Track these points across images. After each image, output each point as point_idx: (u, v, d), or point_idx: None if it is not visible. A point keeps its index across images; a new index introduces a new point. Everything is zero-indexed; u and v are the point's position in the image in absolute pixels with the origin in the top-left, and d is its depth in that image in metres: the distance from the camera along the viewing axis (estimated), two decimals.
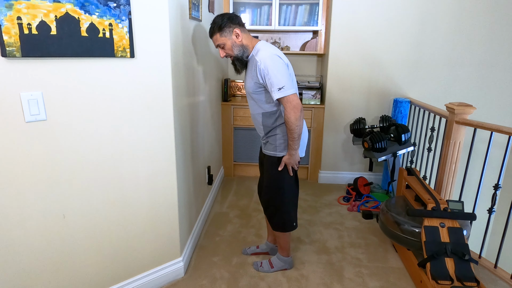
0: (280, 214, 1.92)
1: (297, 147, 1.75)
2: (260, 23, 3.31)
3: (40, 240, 1.46)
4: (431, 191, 2.06)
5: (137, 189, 1.71)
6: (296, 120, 1.66)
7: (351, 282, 2.00)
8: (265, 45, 1.75)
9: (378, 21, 3.05)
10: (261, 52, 1.71)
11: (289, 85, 1.65)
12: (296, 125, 1.67)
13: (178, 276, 1.99)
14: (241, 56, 1.77)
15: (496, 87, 3.19)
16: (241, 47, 1.75)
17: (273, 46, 1.79)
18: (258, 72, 1.69)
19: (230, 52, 1.77)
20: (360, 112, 3.28)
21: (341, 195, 3.17)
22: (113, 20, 1.43)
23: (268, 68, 1.65)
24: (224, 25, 1.71)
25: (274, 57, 1.67)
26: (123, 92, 1.55)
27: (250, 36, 1.81)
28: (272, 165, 1.84)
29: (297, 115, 1.66)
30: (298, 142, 1.74)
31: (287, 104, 1.66)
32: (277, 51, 1.73)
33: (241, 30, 1.75)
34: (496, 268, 2.11)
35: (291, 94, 1.65)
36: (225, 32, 1.73)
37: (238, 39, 1.74)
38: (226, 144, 3.44)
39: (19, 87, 1.29)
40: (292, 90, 1.65)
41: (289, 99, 1.65)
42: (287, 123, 1.69)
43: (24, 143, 1.34)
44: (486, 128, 2.02)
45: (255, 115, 1.85)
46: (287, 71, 1.69)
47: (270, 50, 1.71)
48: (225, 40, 1.74)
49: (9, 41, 1.22)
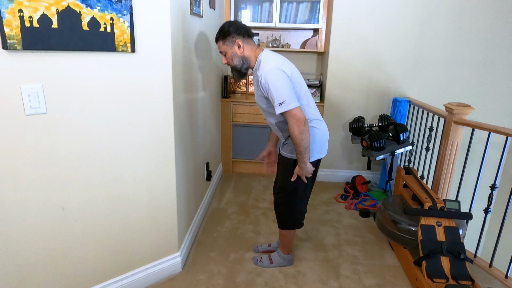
0: (289, 213, 1.93)
1: (307, 159, 1.71)
2: (261, 20, 3.31)
3: (39, 232, 1.47)
4: (428, 190, 2.07)
5: (136, 183, 1.72)
6: (300, 134, 1.62)
7: (347, 279, 2.02)
8: (267, 57, 1.70)
9: (378, 21, 3.06)
10: (262, 65, 1.67)
11: (291, 99, 1.59)
12: (300, 139, 1.63)
13: (176, 271, 2.01)
14: (240, 68, 1.76)
15: (495, 88, 3.20)
16: (242, 58, 1.74)
17: (276, 55, 1.73)
18: (260, 86, 1.68)
19: (230, 61, 1.77)
20: (359, 110, 3.29)
21: (339, 193, 3.18)
22: (114, 14, 1.43)
23: (269, 83, 1.61)
24: (228, 34, 1.71)
25: (274, 71, 1.62)
26: (123, 86, 1.56)
27: (254, 47, 1.76)
28: (287, 166, 1.83)
29: (300, 128, 1.61)
30: (306, 155, 1.69)
31: (289, 118, 1.62)
32: (279, 62, 1.67)
33: (245, 42, 1.73)
34: (491, 267, 2.13)
35: (293, 109, 1.59)
36: (228, 41, 1.72)
37: (240, 51, 1.73)
38: (225, 140, 3.45)
39: (20, 79, 1.29)
40: (294, 104, 1.59)
41: (291, 114, 1.60)
42: (292, 137, 1.65)
43: (24, 136, 1.34)
44: (484, 129, 2.03)
45: (270, 123, 1.86)
46: (289, 84, 1.62)
47: (271, 63, 1.65)
48: (227, 49, 1.74)
49: (10, 33, 1.22)
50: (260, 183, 3.34)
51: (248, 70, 1.79)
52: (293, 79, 1.68)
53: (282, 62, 1.68)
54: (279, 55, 1.75)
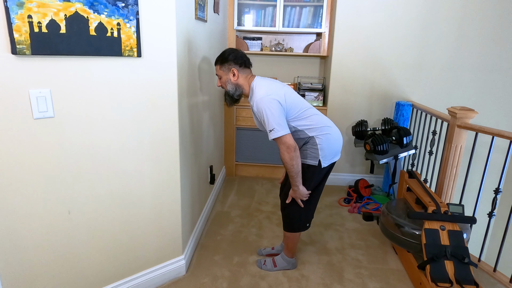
0: (295, 216, 1.94)
1: (299, 183, 1.79)
2: (264, 24, 3.33)
3: (45, 235, 1.48)
4: (431, 194, 2.07)
5: (141, 186, 1.73)
6: (290, 160, 1.70)
7: (351, 283, 2.02)
8: (258, 85, 1.77)
9: (381, 25, 3.07)
10: (255, 94, 1.75)
11: (279, 127, 1.67)
12: (291, 164, 1.71)
13: (180, 274, 2.01)
14: (233, 94, 1.86)
15: (498, 92, 3.20)
16: (235, 85, 1.83)
17: (267, 82, 1.79)
18: (255, 114, 1.76)
19: (224, 86, 1.87)
20: (362, 114, 3.30)
21: (342, 197, 3.18)
22: (121, 19, 1.45)
23: (260, 111, 1.70)
24: (226, 61, 1.80)
25: (264, 99, 1.69)
26: (130, 90, 1.57)
27: (249, 75, 1.84)
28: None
29: (291, 155, 1.69)
30: (298, 179, 1.77)
31: (280, 145, 1.71)
32: (269, 89, 1.73)
33: (241, 71, 1.81)
34: (495, 271, 2.12)
35: (282, 136, 1.67)
36: (225, 67, 1.82)
37: (234, 78, 1.81)
38: (228, 144, 3.46)
39: (28, 84, 1.31)
40: (282, 132, 1.67)
41: (281, 141, 1.69)
42: (283, 163, 1.74)
43: (32, 139, 1.36)
44: (487, 133, 2.03)
45: None
46: (278, 112, 1.68)
47: (262, 91, 1.72)
48: (223, 74, 1.84)
49: (19, 39, 1.24)
50: (263, 187, 3.35)
51: (240, 96, 1.88)
52: (287, 101, 1.74)
53: (272, 89, 1.74)
54: (270, 80, 1.82)
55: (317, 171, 1.84)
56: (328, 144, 1.81)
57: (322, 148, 1.80)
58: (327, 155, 1.82)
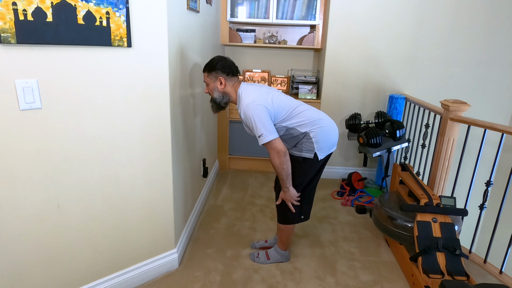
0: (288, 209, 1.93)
1: (289, 185, 1.81)
2: (257, 16, 3.29)
3: (34, 229, 1.45)
4: (424, 186, 2.08)
5: (133, 179, 1.70)
6: (280, 164, 1.72)
7: (344, 275, 2.03)
8: (244, 91, 1.77)
9: (375, 18, 3.05)
10: (241, 101, 1.75)
11: (267, 133, 1.68)
12: (281, 168, 1.73)
13: (172, 267, 2.00)
14: (219, 102, 1.86)
15: (491, 85, 3.22)
16: (221, 93, 1.83)
17: (252, 87, 1.79)
18: (243, 120, 1.76)
19: (211, 93, 1.87)
20: (355, 107, 3.30)
21: (335, 190, 3.19)
22: (110, 8, 1.41)
23: (248, 118, 1.70)
24: (213, 69, 1.80)
25: (250, 106, 1.70)
26: (120, 81, 1.54)
27: (236, 83, 1.83)
28: (294, 163, 1.83)
29: (281, 159, 1.71)
30: (288, 181, 1.79)
31: (270, 150, 1.72)
32: (255, 95, 1.73)
33: (228, 79, 1.81)
34: (486, 263, 2.15)
35: (271, 140, 1.68)
36: (212, 75, 1.82)
37: (221, 86, 1.82)
38: (221, 137, 3.43)
39: (14, 74, 1.27)
40: (271, 136, 1.68)
41: (271, 145, 1.70)
42: (273, 166, 1.76)
43: (18, 131, 1.32)
44: (479, 126, 2.04)
45: None
46: (265, 117, 1.69)
47: (248, 98, 1.73)
48: (210, 81, 1.84)
49: (4, 27, 1.20)
50: (257, 180, 3.34)
51: (227, 104, 1.88)
52: (275, 105, 1.75)
53: (258, 95, 1.75)
54: (255, 85, 1.83)
55: (313, 163, 1.84)
56: (322, 136, 1.80)
57: (317, 141, 1.79)
58: (323, 148, 1.82)
